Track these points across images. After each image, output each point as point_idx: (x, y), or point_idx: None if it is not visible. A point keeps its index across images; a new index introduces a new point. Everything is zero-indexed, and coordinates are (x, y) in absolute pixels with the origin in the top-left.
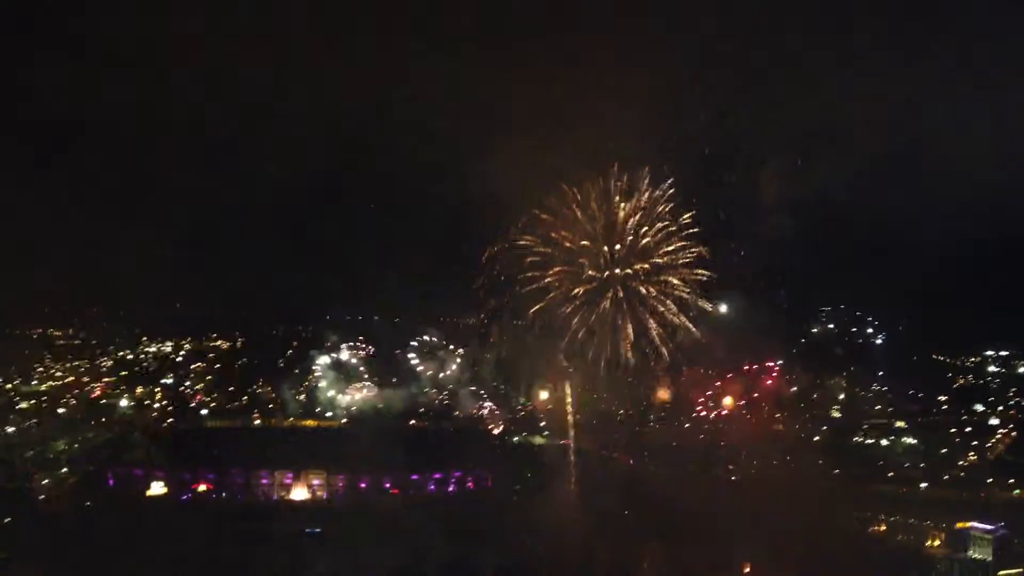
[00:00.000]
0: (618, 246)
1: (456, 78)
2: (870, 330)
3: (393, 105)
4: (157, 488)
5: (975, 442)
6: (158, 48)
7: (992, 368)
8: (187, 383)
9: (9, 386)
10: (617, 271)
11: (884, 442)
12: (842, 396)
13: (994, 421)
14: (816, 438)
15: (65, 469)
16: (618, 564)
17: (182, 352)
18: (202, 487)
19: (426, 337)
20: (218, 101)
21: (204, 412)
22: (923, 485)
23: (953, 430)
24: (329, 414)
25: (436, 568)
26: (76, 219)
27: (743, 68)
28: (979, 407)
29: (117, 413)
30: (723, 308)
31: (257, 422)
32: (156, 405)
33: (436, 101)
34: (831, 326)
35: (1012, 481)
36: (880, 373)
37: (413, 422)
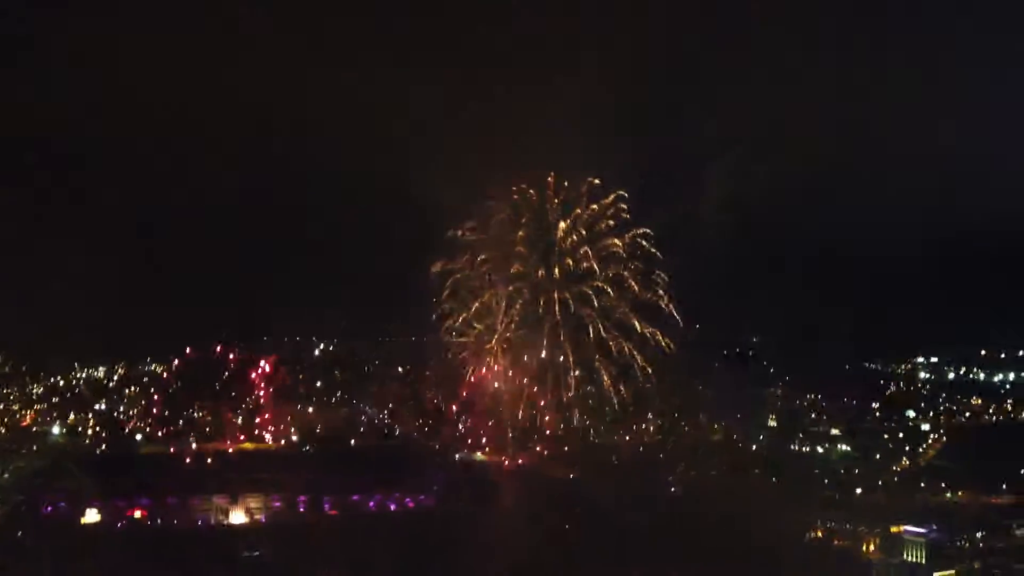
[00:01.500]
0: (556, 270)
1: (385, 89)
2: (804, 339)
3: (331, 121)
4: (91, 516)
5: (907, 447)
6: (100, 59)
7: (923, 375)
8: (120, 409)
9: None
10: (555, 295)
11: (819, 449)
12: (778, 405)
13: (925, 427)
14: (753, 447)
15: None
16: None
17: (115, 377)
18: (137, 513)
19: (365, 356)
20: (152, 116)
21: (139, 438)
22: (858, 491)
23: (886, 436)
24: (267, 436)
25: None
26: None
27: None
28: (911, 413)
29: (49, 441)
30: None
31: (193, 446)
32: (89, 432)
33: (367, 116)
34: (766, 335)
35: (944, 485)
36: (814, 382)
37: (353, 442)
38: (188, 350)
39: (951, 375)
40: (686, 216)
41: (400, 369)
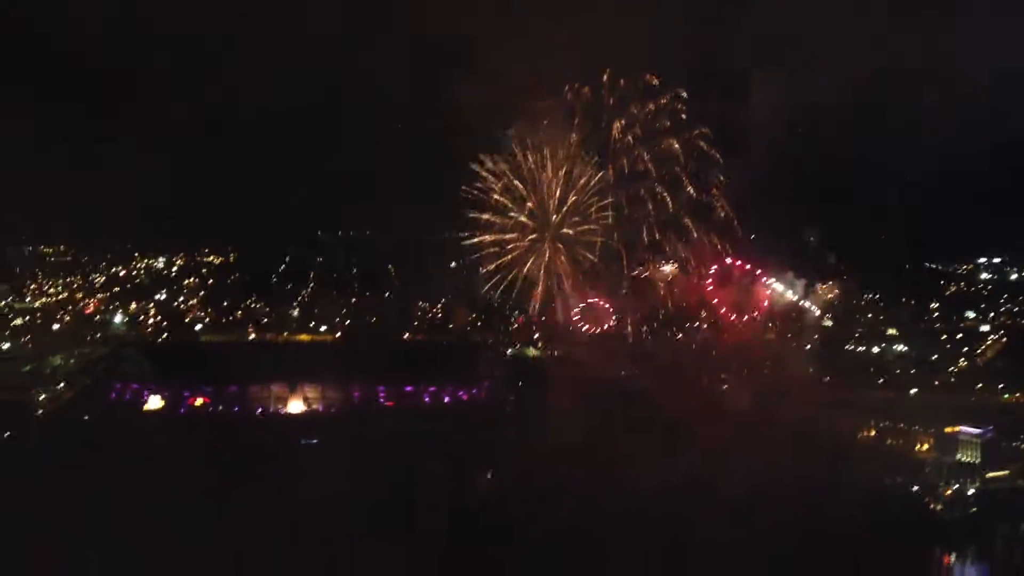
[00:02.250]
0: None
1: None
2: (863, 238)
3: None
4: (154, 402)
5: (965, 348)
6: None
7: (984, 275)
8: (180, 298)
9: (3, 303)
10: (609, 195)
11: (875, 349)
12: (835, 304)
13: (985, 327)
14: (808, 346)
15: (62, 384)
16: (610, 467)
17: (175, 268)
18: (199, 401)
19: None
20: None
21: (198, 327)
22: (913, 391)
23: (944, 337)
24: (323, 328)
25: (431, 477)
26: (63, 135)
27: None
28: (970, 314)
29: (112, 328)
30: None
31: (251, 337)
32: (151, 320)
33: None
34: (825, 235)
35: (1001, 386)
36: (872, 281)
37: (407, 336)
38: (245, 243)
39: (1014, 275)
40: (744, 116)
41: (453, 264)
